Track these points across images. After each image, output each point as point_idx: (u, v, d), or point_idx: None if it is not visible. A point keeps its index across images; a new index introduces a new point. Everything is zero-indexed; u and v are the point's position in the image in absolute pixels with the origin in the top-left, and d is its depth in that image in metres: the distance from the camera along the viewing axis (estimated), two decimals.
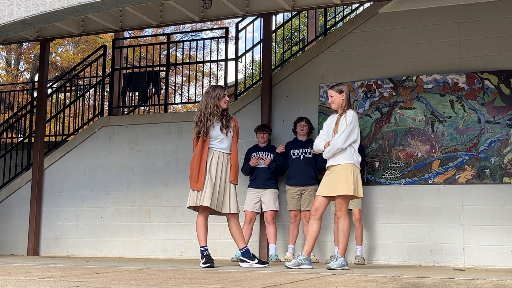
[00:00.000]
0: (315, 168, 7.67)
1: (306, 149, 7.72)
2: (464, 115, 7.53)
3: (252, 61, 10.56)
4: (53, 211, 9.38)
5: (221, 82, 19.23)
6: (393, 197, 7.70)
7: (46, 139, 10.07)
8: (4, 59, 21.86)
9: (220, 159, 6.17)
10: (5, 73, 21.50)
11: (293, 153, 7.76)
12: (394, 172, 7.70)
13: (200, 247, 6.13)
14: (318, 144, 6.18)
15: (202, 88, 13.67)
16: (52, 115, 11.46)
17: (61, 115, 11.19)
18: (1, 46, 19.09)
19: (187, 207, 6.25)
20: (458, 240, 7.37)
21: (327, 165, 6.09)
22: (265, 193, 7.80)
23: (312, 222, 6.00)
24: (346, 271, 5.61)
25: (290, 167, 7.75)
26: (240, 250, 6.23)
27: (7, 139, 11.62)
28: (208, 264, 5.94)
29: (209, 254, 6.08)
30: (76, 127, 10.82)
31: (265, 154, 7.88)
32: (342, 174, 5.89)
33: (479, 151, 7.38)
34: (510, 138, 7.32)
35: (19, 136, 12.14)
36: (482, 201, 7.34)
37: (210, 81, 20.42)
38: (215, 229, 8.32)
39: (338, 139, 5.91)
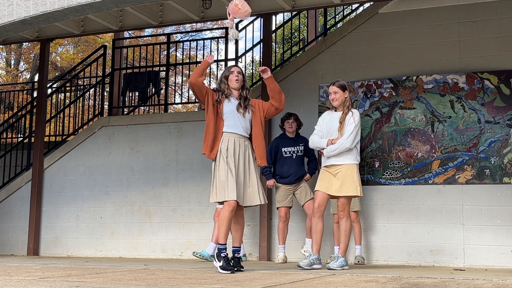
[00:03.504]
0: (303, 164, 7.60)
1: (297, 147, 7.56)
2: (464, 115, 7.53)
3: (252, 61, 10.57)
4: (53, 211, 9.39)
5: None
6: (393, 197, 7.71)
7: (46, 139, 10.07)
8: (4, 59, 21.87)
9: (237, 145, 5.49)
10: (5, 73, 21.50)
11: (284, 151, 7.56)
12: (394, 172, 7.70)
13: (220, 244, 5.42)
14: (318, 141, 6.03)
15: None
16: (52, 115, 11.46)
17: (61, 115, 11.19)
18: (1, 46, 19.09)
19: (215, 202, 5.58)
20: (458, 240, 7.37)
21: (327, 163, 5.95)
22: None
23: (316, 220, 5.92)
24: (346, 271, 5.61)
25: (282, 165, 7.53)
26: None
27: (7, 139, 11.62)
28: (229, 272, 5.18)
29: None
30: (76, 127, 10.83)
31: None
32: (348, 174, 5.85)
33: (479, 151, 7.39)
34: (510, 138, 7.32)
35: (19, 136, 12.14)
36: (482, 201, 7.34)
37: (210, 81, 20.41)
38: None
39: (348, 139, 5.84)
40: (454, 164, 7.48)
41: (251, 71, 11.04)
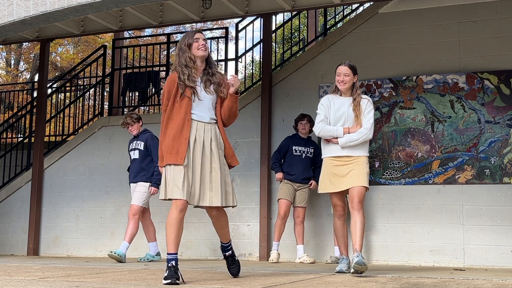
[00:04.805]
0: (311, 167, 7.65)
1: (308, 148, 7.65)
2: (464, 115, 7.53)
3: (252, 61, 10.57)
4: (53, 211, 9.39)
5: None
6: (393, 197, 7.71)
7: (46, 139, 10.07)
8: (4, 59, 21.87)
9: (201, 133, 4.51)
10: (5, 73, 21.50)
11: (295, 149, 7.64)
12: (394, 172, 7.70)
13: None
14: (333, 129, 5.34)
15: None
16: (52, 115, 11.47)
17: (61, 115, 11.20)
18: (1, 46, 19.09)
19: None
20: (458, 240, 7.37)
21: (339, 154, 5.33)
22: (136, 186, 7.50)
23: (342, 223, 5.43)
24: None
25: (290, 163, 7.61)
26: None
27: (7, 139, 11.62)
28: (169, 281, 4.19)
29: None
30: (76, 127, 10.83)
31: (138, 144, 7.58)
32: (364, 167, 5.28)
33: (479, 151, 7.39)
34: (510, 138, 7.32)
35: (19, 136, 12.14)
36: (482, 201, 7.34)
37: None
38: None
39: (371, 129, 5.31)
40: (454, 164, 7.48)
41: (251, 71, 11.04)
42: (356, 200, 5.18)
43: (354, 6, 10.08)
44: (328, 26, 10.49)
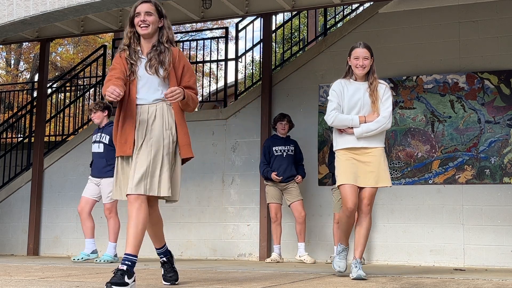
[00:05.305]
0: (293, 164, 7.64)
1: (288, 146, 7.64)
2: (464, 115, 7.53)
3: (252, 61, 10.56)
4: (53, 211, 9.38)
5: (221, 82, 19.23)
6: (393, 197, 7.70)
7: (46, 139, 10.07)
8: (4, 59, 21.88)
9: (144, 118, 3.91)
10: (5, 73, 21.50)
11: (275, 150, 7.62)
12: (394, 172, 7.70)
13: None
14: (347, 118, 4.79)
15: (202, 88, 13.68)
16: (52, 115, 11.47)
17: (61, 115, 11.19)
18: (1, 46, 19.09)
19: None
20: (458, 240, 7.37)
21: (355, 145, 4.80)
22: (101, 183, 7.10)
23: (352, 222, 4.92)
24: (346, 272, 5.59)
25: (272, 163, 7.57)
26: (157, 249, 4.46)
27: (7, 139, 11.62)
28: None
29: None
30: (76, 127, 10.83)
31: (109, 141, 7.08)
32: (382, 161, 4.79)
33: (479, 151, 7.39)
34: (510, 138, 7.32)
35: (19, 136, 12.14)
36: (482, 201, 7.34)
37: (210, 81, 20.42)
38: (215, 229, 8.33)
39: (389, 118, 4.80)
40: (454, 164, 7.48)
41: (251, 71, 11.03)
42: (366, 202, 4.77)
43: (354, 6, 10.08)
44: (328, 26, 10.49)
